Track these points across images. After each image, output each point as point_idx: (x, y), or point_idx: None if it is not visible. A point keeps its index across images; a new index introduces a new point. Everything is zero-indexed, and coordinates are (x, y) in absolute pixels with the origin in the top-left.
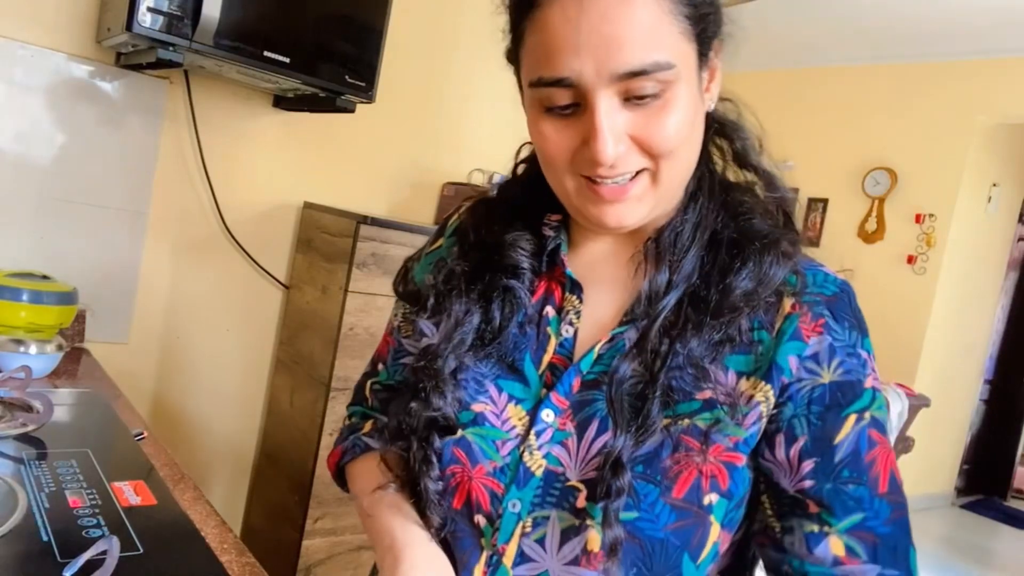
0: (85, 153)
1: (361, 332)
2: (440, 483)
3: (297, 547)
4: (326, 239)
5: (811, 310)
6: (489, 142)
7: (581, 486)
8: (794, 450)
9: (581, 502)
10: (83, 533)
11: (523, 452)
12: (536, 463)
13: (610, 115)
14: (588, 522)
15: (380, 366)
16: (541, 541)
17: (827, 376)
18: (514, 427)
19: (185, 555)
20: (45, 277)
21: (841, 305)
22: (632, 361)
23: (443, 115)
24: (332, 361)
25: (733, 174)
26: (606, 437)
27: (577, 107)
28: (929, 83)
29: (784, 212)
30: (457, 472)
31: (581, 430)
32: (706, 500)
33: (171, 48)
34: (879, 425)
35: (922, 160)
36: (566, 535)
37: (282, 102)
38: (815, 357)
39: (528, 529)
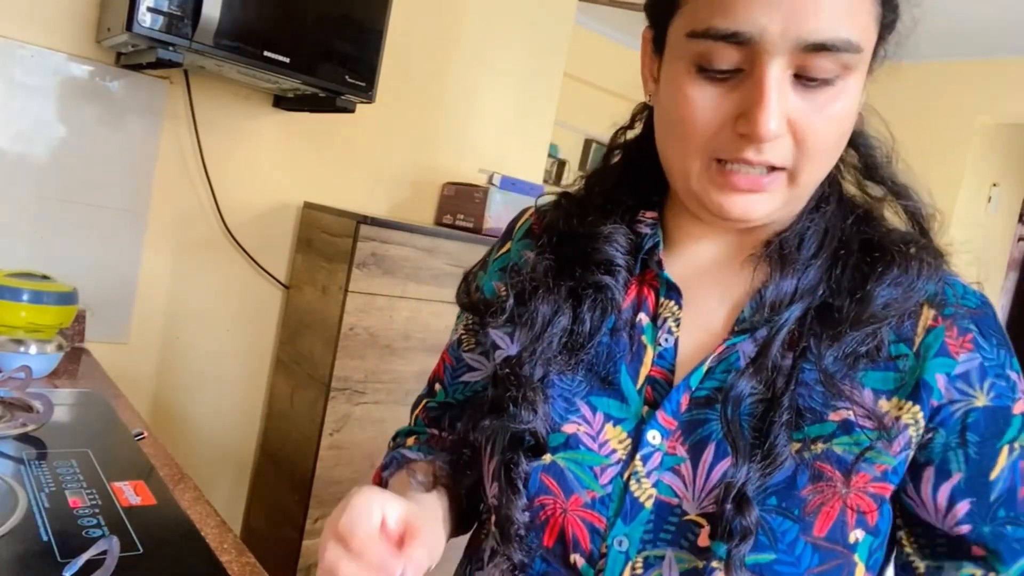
0: (85, 153)
1: (361, 332)
2: (527, 514)
3: (297, 547)
4: (326, 239)
5: (956, 324)
6: (490, 142)
7: (703, 521)
8: (946, 487)
9: (704, 540)
10: (83, 533)
11: (628, 479)
12: (645, 493)
13: (780, 86)
14: (714, 564)
15: (437, 386)
16: None
17: (981, 400)
18: (614, 451)
19: (185, 555)
20: (45, 277)
21: (987, 320)
22: (751, 378)
23: (443, 115)
24: (332, 361)
25: (856, 188)
26: (726, 464)
27: (736, 74)
28: (929, 83)
29: (919, 224)
30: (548, 504)
31: (696, 455)
32: (852, 538)
33: (171, 48)
34: None
35: (922, 160)
36: None
37: (282, 102)
38: (966, 377)
39: (639, 571)
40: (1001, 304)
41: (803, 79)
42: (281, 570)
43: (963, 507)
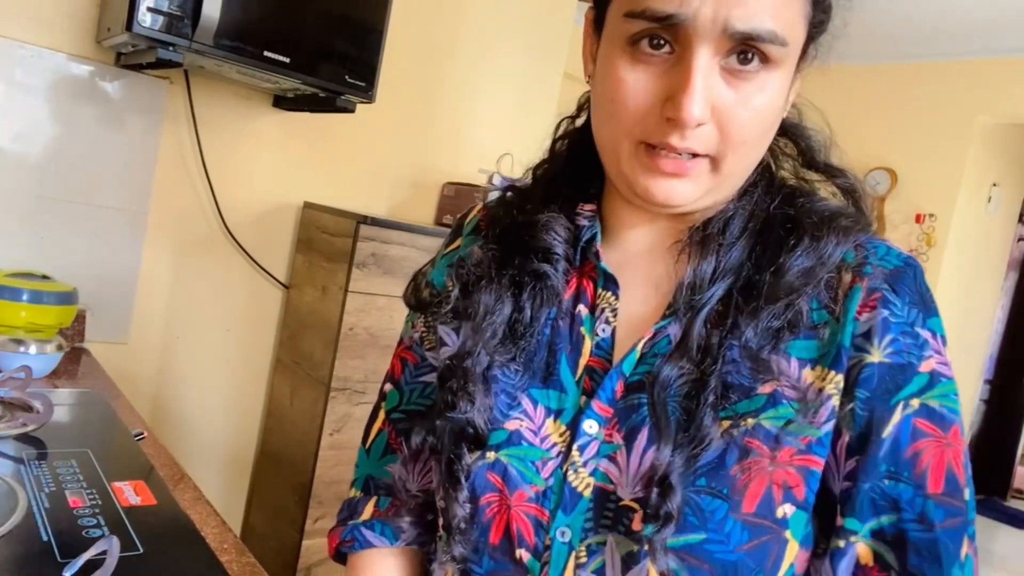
0: (85, 153)
1: (361, 332)
2: (468, 506)
3: (297, 547)
4: (326, 239)
5: (870, 284)
6: (489, 142)
7: (635, 505)
8: (840, 445)
9: (637, 524)
10: (83, 533)
11: (567, 471)
12: (583, 482)
13: (707, 73)
14: (646, 547)
15: (388, 387)
16: (600, 572)
17: (876, 355)
18: (555, 444)
19: (185, 555)
20: (45, 277)
21: (904, 279)
22: (678, 360)
23: (443, 115)
24: (332, 361)
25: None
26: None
27: (667, 58)
28: (929, 83)
29: (853, 199)
30: (494, 501)
31: (630, 441)
32: (779, 512)
33: (171, 48)
34: (933, 414)
35: (922, 160)
36: (627, 563)
37: (282, 102)
38: (866, 334)
39: (583, 559)
40: (1001, 304)
41: (729, 70)
42: (281, 570)
43: (851, 464)
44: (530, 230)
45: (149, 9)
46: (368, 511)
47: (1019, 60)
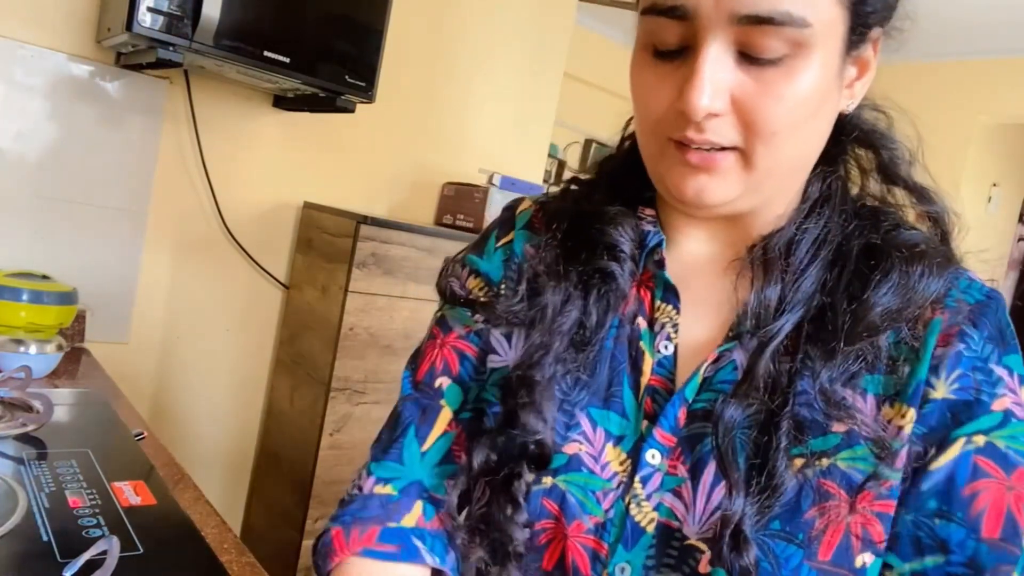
0: (85, 153)
1: (361, 332)
2: (527, 531)
3: (297, 547)
4: (326, 239)
5: (951, 319)
6: (490, 142)
7: (703, 546)
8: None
9: (704, 566)
10: (83, 533)
11: (629, 503)
12: (646, 516)
13: (717, 62)
14: None
15: (445, 380)
16: None
17: (941, 391)
18: (615, 473)
19: (185, 555)
20: (45, 277)
21: (986, 314)
22: (743, 400)
23: (443, 115)
24: (332, 361)
25: (877, 189)
26: (726, 486)
27: (686, 53)
28: (929, 83)
29: (940, 229)
30: (549, 528)
31: (696, 475)
32: (858, 562)
33: (171, 48)
34: (997, 453)
35: (922, 160)
36: None
37: (282, 102)
38: (935, 369)
39: None
40: None
41: (749, 57)
42: (281, 570)
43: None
44: (598, 222)
45: (149, 9)
46: (414, 517)
47: (1019, 60)
